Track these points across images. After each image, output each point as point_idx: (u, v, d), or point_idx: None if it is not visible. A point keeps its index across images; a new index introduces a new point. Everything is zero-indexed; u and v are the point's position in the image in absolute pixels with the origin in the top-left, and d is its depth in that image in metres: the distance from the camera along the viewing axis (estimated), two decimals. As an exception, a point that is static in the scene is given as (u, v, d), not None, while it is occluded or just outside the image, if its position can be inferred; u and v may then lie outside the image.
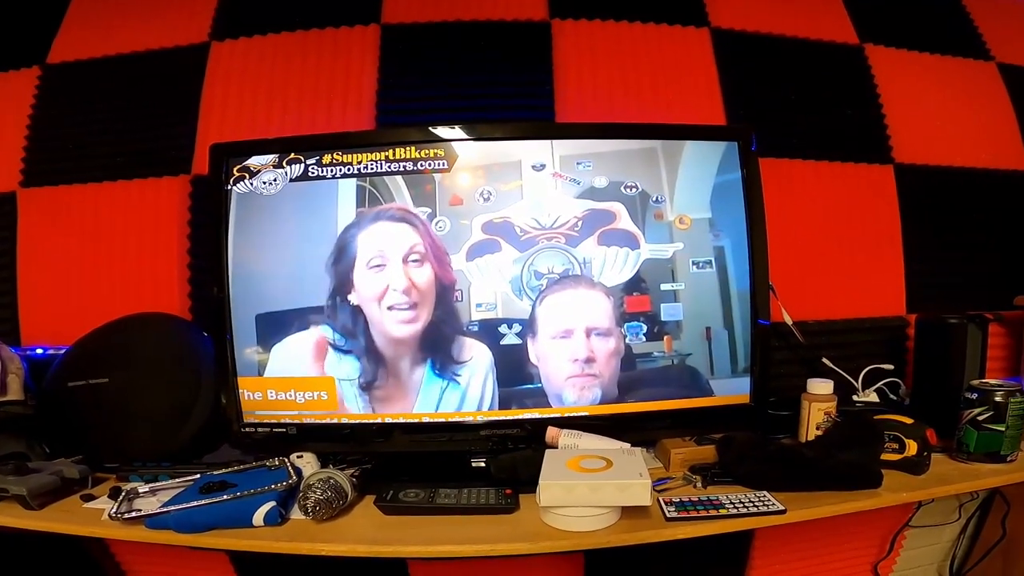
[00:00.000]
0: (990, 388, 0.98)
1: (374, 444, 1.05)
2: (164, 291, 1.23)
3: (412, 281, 1.02)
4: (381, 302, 1.02)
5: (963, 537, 1.40)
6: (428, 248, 1.03)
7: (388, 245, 1.02)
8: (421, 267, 1.02)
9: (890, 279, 1.32)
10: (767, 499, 0.88)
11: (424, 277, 1.02)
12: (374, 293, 1.02)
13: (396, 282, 1.01)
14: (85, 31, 1.35)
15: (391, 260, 1.02)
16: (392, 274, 1.02)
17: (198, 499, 0.85)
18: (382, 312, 1.02)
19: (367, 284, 1.02)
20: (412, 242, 1.02)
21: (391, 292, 1.01)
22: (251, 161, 1.05)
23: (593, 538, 0.82)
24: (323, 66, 1.28)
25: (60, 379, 1.05)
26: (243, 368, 1.04)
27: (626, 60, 1.31)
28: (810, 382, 1.04)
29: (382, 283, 1.02)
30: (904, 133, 1.35)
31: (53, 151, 1.29)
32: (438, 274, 1.03)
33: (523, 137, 1.05)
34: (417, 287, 1.02)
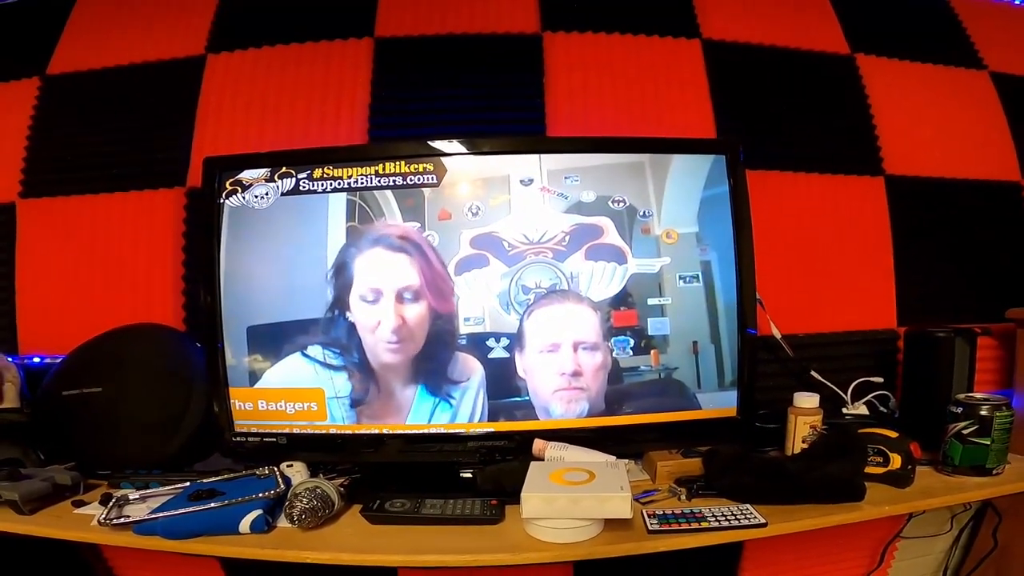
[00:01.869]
0: (975, 402, 0.98)
1: (364, 454, 1.07)
2: (159, 302, 1.25)
3: (403, 319, 1.03)
4: (375, 333, 1.04)
5: (955, 548, 1.39)
6: (424, 283, 1.03)
7: (382, 280, 1.03)
8: (416, 303, 1.04)
9: (881, 292, 1.32)
10: (749, 512, 0.88)
11: (416, 313, 1.04)
12: (367, 325, 1.04)
13: (387, 321, 1.03)
14: (85, 42, 1.37)
15: (384, 295, 1.03)
16: (384, 311, 1.03)
17: (186, 506, 0.87)
18: (376, 339, 1.04)
19: (361, 313, 1.04)
20: (407, 280, 1.03)
21: (383, 327, 1.03)
22: (243, 175, 1.06)
23: (575, 550, 0.82)
24: (316, 79, 1.30)
25: (54, 388, 1.07)
26: (234, 379, 1.06)
27: (617, 72, 1.31)
28: (796, 396, 1.05)
29: (375, 317, 1.03)
30: (895, 144, 1.35)
31: (52, 162, 1.31)
32: (434, 307, 1.04)
33: (512, 152, 1.06)
34: (408, 324, 1.03)
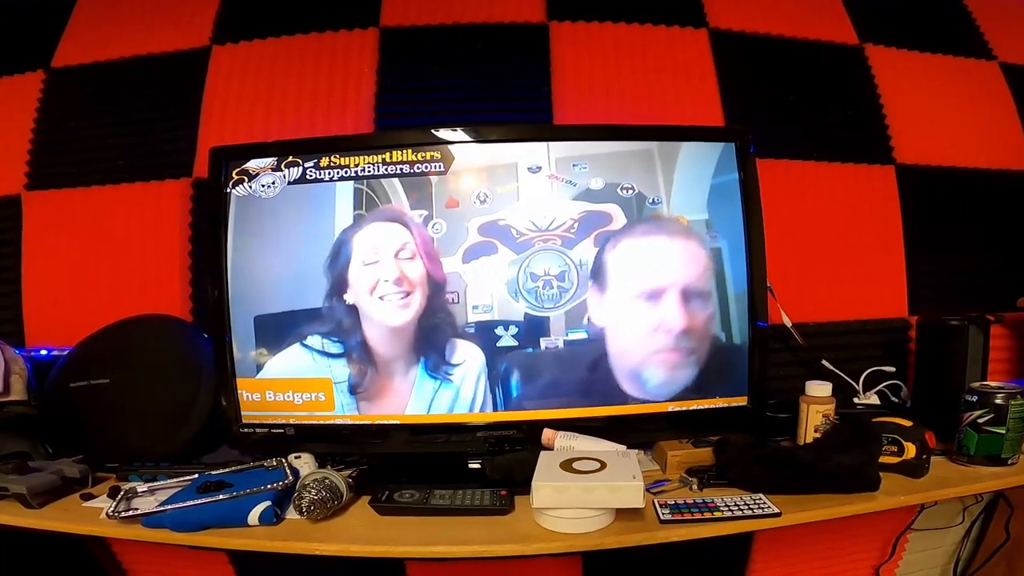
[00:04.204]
0: (991, 390, 0.97)
1: (372, 445, 1.06)
2: (166, 293, 1.24)
3: (403, 272, 1.02)
4: (373, 293, 1.02)
5: (967, 540, 1.39)
6: (420, 247, 1.03)
7: (381, 243, 1.03)
8: (412, 262, 1.03)
9: (892, 280, 1.31)
10: (763, 502, 0.87)
11: (415, 271, 1.02)
12: (367, 287, 1.02)
13: (387, 273, 1.01)
14: (89, 35, 1.37)
15: (383, 255, 1.02)
16: (384, 267, 1.02)
17: (195, 498, 0.86)
18: (375, 304, 1.02)
19: (360, 279, 1.02)
20: (403, 240, 1.02)
21: (382, 283, 1.02)
22: (250, 164, 1.05)
23: (586, 540, 0.81)
24: (323, 69, 1.29)
25: (62, 380, 1.07)
26: (242, 369, 1.05)
27: (624, 62, 1.31)
28: (808, 384, 1.04)
29: (374, 276, 1.02)
30: (905, 133, 1.34)
31: (57, 154, 1.31)
32: (429, 270, 1.03)
33: (519, 140, 1.05)
34: (408, 278, 1.02)
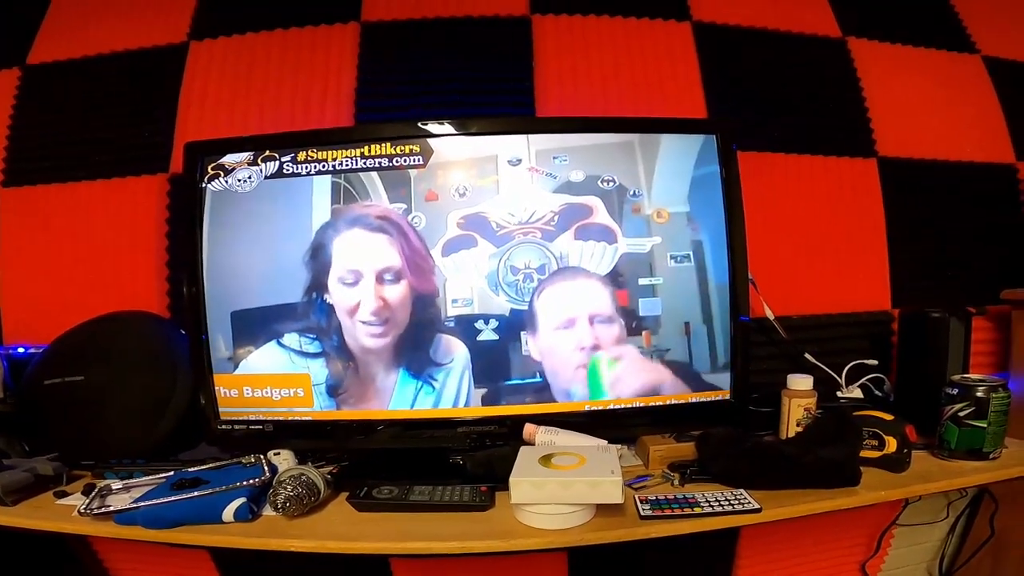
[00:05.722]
0: (971, 383, 0.96)
1: (352, 441, 1.05)
2: (143, 289, 1.23)
3: (384, 300, 1.01)
4: (354, 316, 1.02)
5: (952, 536, 1.38)
6: (405, 262, 1.02)
7: (362, 261, 1.01)
8: (396, 284, 1.02)
9: (874, 273, 1.31)
10: (743, 497, 0.87)
11: (397, 294, 1.02)
12: (347, 306, 1.02)
13: (367, 302, 1.01)
14: (65, 32, 1.35)
15: (364, 277, 1.01)
16: (364, 292, 1.01)
17: (169, 495, 0.85)
18: (355, 323, 1.02)
19: (340, 295, 1.02)
20: (387, 261, 1.01)
21: (362, 310, 1.01)
22: (226, 159, 1.04)
23: (566, 536, 0.81)
24: (302, 64, 1.28)
25: (36, 377, 1.05)
26: (219, 365, 1.04)
27: (607, 55, 1.29)
28: (790, 378, 1.03)
29: (354, 298, 1.01)
30: (888, 126, 1.34)
31: (33, 151, 1.29)
32: (414, 286, 1.02)
33: (498, 132, 1.04)
34: (389, 306, 1.02)
